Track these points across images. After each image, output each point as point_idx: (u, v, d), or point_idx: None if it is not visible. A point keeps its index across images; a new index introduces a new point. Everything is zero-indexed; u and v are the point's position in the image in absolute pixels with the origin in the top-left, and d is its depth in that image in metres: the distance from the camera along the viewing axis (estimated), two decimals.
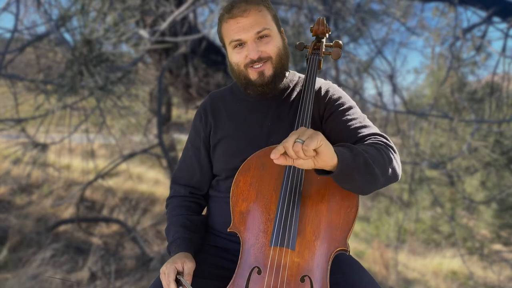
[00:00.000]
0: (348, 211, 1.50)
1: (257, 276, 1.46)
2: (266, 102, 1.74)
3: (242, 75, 1.68)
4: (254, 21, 1.63)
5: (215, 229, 1.76)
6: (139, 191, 5.13)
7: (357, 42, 5.44)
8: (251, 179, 1.55)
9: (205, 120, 1.80)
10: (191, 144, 1.85)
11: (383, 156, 1.47)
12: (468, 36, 5.48)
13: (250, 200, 1.53)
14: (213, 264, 1.66)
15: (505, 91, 5.43)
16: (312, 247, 1.47)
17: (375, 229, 5.16)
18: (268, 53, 1.65)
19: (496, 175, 5.23)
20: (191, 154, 1.83)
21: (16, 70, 4.98)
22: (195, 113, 1.87)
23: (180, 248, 1.64)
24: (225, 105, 1.80)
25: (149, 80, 5.33)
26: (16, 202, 4.80)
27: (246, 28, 1.62)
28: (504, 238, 5.11)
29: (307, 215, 1.49)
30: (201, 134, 1.81)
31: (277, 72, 1.68)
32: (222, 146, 1.75)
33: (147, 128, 5.25)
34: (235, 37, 1.64)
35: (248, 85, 1.69)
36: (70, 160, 5.04)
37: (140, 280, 4.27)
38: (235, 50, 1.66)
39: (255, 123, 1.71)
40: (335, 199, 1.51)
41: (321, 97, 1.73)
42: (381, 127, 5.52)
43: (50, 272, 4.18)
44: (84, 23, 4.83)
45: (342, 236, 1.48)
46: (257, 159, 1.58)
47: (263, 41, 1.64)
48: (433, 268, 4.77)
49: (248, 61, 1.65)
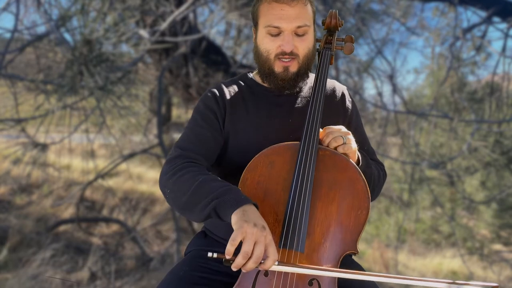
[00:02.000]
0: (359, 214, 1.46)
1: (264, 278, 1.42)
2: (286, 97, 1.67)
3: (268, 63, 1.61)
4: (299, 13, 1.56)
5: (217, 235, 1.68)
6: (139, 191, 5.13)
7: (357, 42, 5.42)
8: (259, 178, 1.48)
9: (222, 103, 1.63)
10: (202, 119, 1.62)
11: (380, 182, 1.73)
12: (468, 36, 5.49)
13: (258, 200, 1.43)
14: (209, 269, 1.60)
15: (505, 91, 5.44)
16: (321, 250, 1.44)
17: (375, 229, 5.16)
18: (299, 51, 1.59)
19: (496, 175, 5.23)
20: (205, 130, 1.60)
21: (16, 70, 4.98)
22: (203, 96, 1.69)
23: (248, 200, 1.34)
24: (241, 96, 1.67)
25: (149, 80, 5.34)
26: (16, 202, 4.80)
27: (290, 18, 1.55)
28: (504, 238, 5.12)
29: (316, 216, 1.45)
30: (217, 114, 1.63)
31: (300, 72, 1.62)
32: (238, 139, 1.63)
33: (147, 128, 5.25)
34: (274, 23, 1.56)
35: (269, 76, 1.63)
36: (70, 160, 5.04)
37: (140, 280, 4.27)
38: (269, 37, 1.58)
39: (276, 118, 1.64)
40: (346, 201, 1.47)
41: (341, 99, 1.75)
42: (381, 127, 5.54)
43: (50, 272, 4.18)
44: (84, 23, 4.83)
45: (352, 239, 1.45)
46: (265, 157, 1.51)
47: (300, 36, 1.58)
48: (433, 268, 4.77)
49: (279, 51, 1.58)
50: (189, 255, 1.68)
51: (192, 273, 1.57)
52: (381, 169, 1.76)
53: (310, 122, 1.54)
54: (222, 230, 1.64)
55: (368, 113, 5.61)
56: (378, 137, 5.46)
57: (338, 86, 1.77)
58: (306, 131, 1.52)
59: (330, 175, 1.49)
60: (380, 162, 1.81)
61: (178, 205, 1.45)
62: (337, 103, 1.73)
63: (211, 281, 1.56)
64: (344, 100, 1.75)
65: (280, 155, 1.51)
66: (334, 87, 1.75)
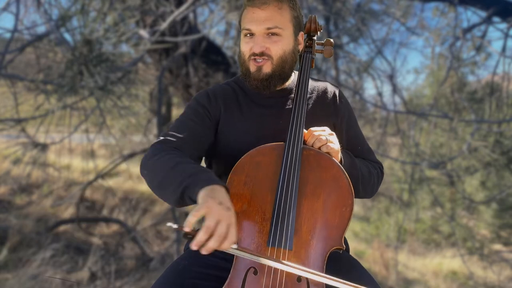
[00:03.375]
0: (343, 210, 1.50)
1: (254, 276, 1.45)
2: (275, 100, 1.72)
3: (245, 64, 1.68)
4: (270, 16, 1.62)
5: None
6: (139, 191, 5.13)
7: (357, 42, 5.43)
8: (246, 179, 1.52)
9: (215, 103, 1.70)
10: (192, 113, 1.68)
11: (373, 181, 1.75)
12: (468, 36, 5.49)
13: (245, 200, 1.50)
14: (206, 264, 1.64)
15: (505, 91, 5.43)
16: (308, 247, 1.47)
17: (375, 229, 5.16)
18: (271, 52, 1.64)
19: (496, 175, 5.23)
20: (193, 122, 1.65)
21: (16, 70, 4.99)
22: (197, 94, 1.75)
23: (215, 181, 1.34)
24: (233, 98, 1.74)
25: (149, 80, 5.34)
26: (16, 202, 4.80)
27: (259, 20, 1.62)
28: (504, 238, 5.12)
29: (303, 214, 1.49)
30: (209, 112, 1.69)
31: (274, 74, 1.66)
32: (229, 142, 1.68)
33: (147, 128, 5.25)
34: (246, 26, 1.64)
35: (247, 76, 1.69)
36: (70, 160, 5.04)
37: (140, 280, 4.27)
38: (245, 39, 1.67)
39: (266, 120, 1.70)
40: (331, 199, 1.51)
41: (332, 99, 1.77)
42: (381, 127, 5.54)
43: (50, 272, 4.18)
44: (84, 23, 4.83)
45: (338, 235, 1.49)
46: (251, 158, 1.55)
47: (272, 38, 1.63)
48: (433, 268, 4.77)
49: (251, 53, 1.65)
50: (188, 250, 1.71)
51: (191, 267, 1.61)
52: (375, 168, 1.79)
53: (294, 123, 1.59)
54: None
55: (368, 113, 5.61)
56: (378, 137, 5.46)
57: (330, 88, 1.80)
58: (291, 131, 1.57)
59: (315, 174, 1.53)
60: (376, 161, 1.84)
61: (154, 184, 1.48)
62: (328, 103, 1.76)
63: (208, 275, 1.60)
64: (335, 101, 1.78)
65: (266, 156, 1.55)
66: (326, 88, 1.79)
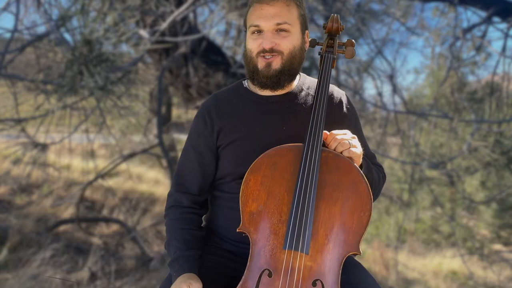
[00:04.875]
0: (361, 215, 1.48)
1: (268, 279, 1.43)
2: (280, 104, 1.70)
3: (252, 62, 1.65)
4: (279, 12, 1.61)
5: (219, 232, 1.73)
6: (139, 191, 5.13)
7: (357, 42, 5.42)
8: (262, 179, 1.50)
9: (211, 123, 1.70)
10: (192, 148, 1.74)
11: (380, 185, 1.77)
12: (468, 36, 5.49)
13: (261, 201, 1.48)
14: (220, 264, 1.64)
15: (505, 91, 5.44)
16: (324, 251, 1.45)
17: (375, 229, 5.16)
18: (281, 48, 1.62)
19: (496, 175, 5.23)
20: (193, 159, 1.72)
21: (16, 70, 4.99)
22: (196, 114, 1.77)
23: (184, 269, 1.56)
24: (234, 106, 1.72)
25: (149, 80, 5.34)
26: (16, 202, 4.81)
27: (268, 16, 1.60)
28: (504, 238, 5.12)
29: (320, 218, 1.46)
30: (206, 138, 1.71)
31: (284, 69, 1.64)
32: (233, 150, 1.68)
33: (147, 128, 5.25)
34: (254, 22, 1.62)
35: (254, 74, 1.66)
36: (70, 160, 5.04)
37: (140, 280, 4.27)
38: (252, 36, 1.64)
39: (270, 126, 1.67)
40: (348, 203, 1.48)
41: (338, 105, 1.75)
42: (381, 127, 5.54)
43: (50, 272, 4.18)
44: (84, 23, 4.83)
45: (355, 240, 1.47)
46: (268, 158, 1.52)
47: (281, 34, 1.62)
48: (433, 268, 4.77)
49: (260, 49, 1.62)
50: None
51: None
52: (380, 172, 1.79)
53: (314, 124, 1.55)
54: (222, 227, 1.72)
55: (368, 113, 5.61)
56: (378, 137, 5.46)
57: (336, 92, 1.78)
58: (310, 132, 1.53)
59: (333, 176, 1.50)
60: (379, 165, 1.83)
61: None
62: (334, 108, 1.74)
63: (213, 274, 1.60)
64: (342, 106, 1.76)
65: (283, 157, 1.52)
66: (333, 92, 1.76)
